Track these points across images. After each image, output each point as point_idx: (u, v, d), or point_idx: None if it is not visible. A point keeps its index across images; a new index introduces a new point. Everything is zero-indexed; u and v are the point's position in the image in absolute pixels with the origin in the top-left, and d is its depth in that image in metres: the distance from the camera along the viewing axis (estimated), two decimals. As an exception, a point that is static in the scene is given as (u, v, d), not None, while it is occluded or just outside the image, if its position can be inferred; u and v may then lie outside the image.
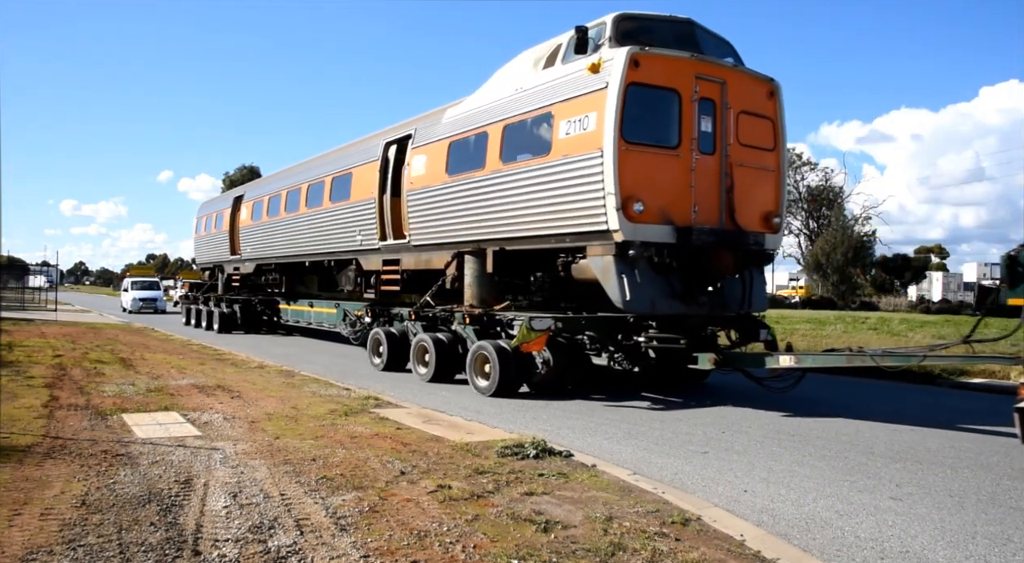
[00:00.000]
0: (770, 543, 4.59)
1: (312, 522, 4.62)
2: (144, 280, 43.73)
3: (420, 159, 13.74)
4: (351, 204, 16.41)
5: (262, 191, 23.14)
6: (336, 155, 18.27)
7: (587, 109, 9.92)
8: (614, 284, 9.71)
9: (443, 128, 13.29)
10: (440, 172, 13.03)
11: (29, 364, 12.57)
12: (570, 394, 10.90)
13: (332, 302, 18.99)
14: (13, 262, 49.86)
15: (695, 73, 10.20)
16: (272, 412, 8.55)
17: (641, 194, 9.60)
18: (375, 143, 15.83)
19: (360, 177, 16.09)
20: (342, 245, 17.05)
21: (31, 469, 5.68)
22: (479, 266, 12.25)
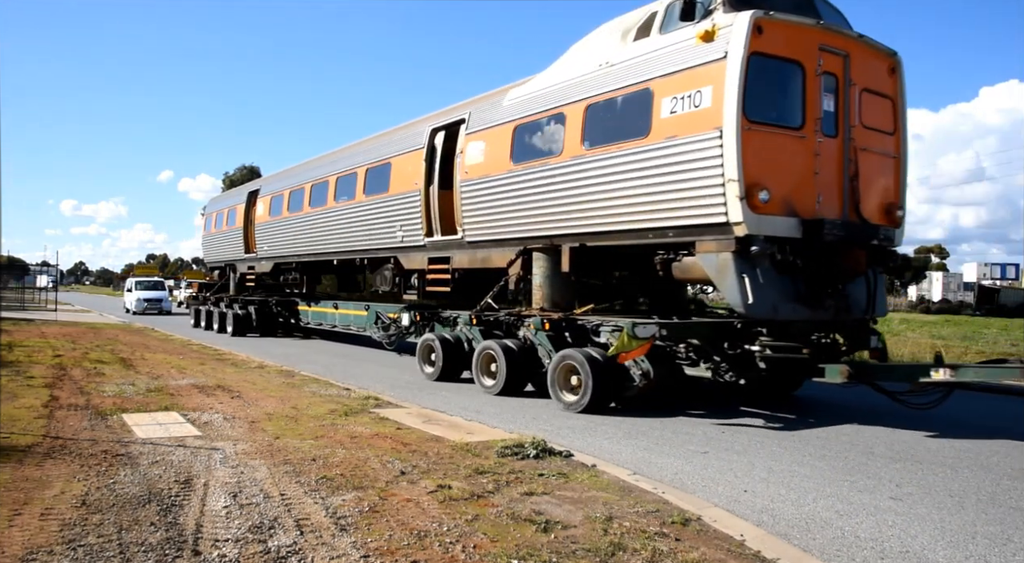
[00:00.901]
0: (770, 543, 4.59)
1: (312, 522, 4.62)
2: (149, 280, 42.35)
3: (476, 146, 12.47)
4: (390, 197, 15.09)
5: (282, 185, 21.49)
6: (370, 144, 16.91)
7: (699, 83, 8.74)
8: (732, 285, 8.52)
9: (505, 110, 12.01)
10: (502, 160, 11.80)
11: (29, 364, 12.57)
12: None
13: (361, 304, 17.69)
14: (13, 262, 49.83)
15: (819, 43, 9.06)
16: (272, 412, 8.56)
17: (766, 181, 8.42)
18: (419, 130, 14.48)
19: (401, 167, 14.77)
20: (378, 242, 15.73)
21: (31, 469, 5.68)
22: (551, 264, 11.16)
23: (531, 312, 11.19)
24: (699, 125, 8.71)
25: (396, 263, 15.41)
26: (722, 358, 9.64)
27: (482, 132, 12.41)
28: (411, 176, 14.28)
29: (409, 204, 14.35)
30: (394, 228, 14.93)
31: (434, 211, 13.69)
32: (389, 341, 15.66)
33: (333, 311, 19.20)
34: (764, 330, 9.24)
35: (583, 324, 10.33)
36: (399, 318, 14.89)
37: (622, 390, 9.55)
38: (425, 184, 13.82)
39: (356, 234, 16.62)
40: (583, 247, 10.67)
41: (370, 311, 16.64)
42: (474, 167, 12.46)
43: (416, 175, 14.09)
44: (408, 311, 14.59)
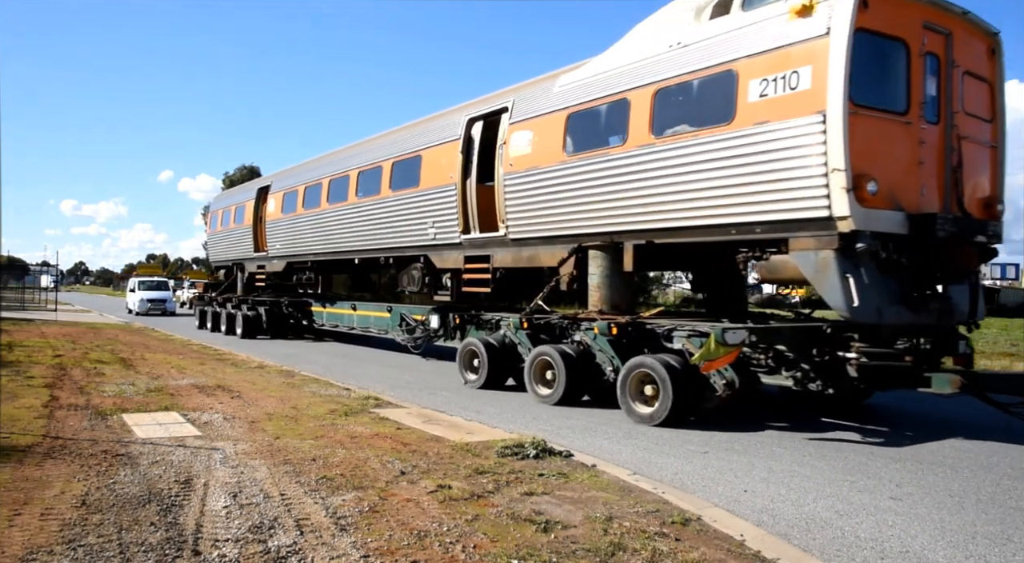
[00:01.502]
0: (770, 543, 4.60)
1: (312, 522, 4.62)
2: (152, 280, 41.32)
3: (523, 136, 11.57)
4: (420, 192, 14.11)
5: (296, 180, 20.36)
6: (396, 136, 15.88)
7: (795, 63, 8.00)
8: (834, 286, 7.79)
9: (557, 97, 11.11)
10: (554, 150, 10.93)
11: (29, 364, 12.57)
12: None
13: (382, 305, 16.96)
14: (13, 262, 49.80)
15: (923, 20, 8.35)
16: (272, 412, 8.56)
17: (873, 171, 7.67)
18: (453, 120, 13.53)
19: (433, 160, 13.78)
20: (407, 239, 14.70)
21: (31, 469, 5.68)
22: (610, 263, 10.35)
23: (589, 315, 10.40)
24: (796, 109, 7.92)
25: (426, 262, 14.49)
26: (811, 366, 8.65)
27: (529, 121, 11.54)
28: (445, 169, 13.34)
29: (443, 199, 13.43)
30: (425, 225, 13.94)
31: (472, 206, 12.84)
32: (415, 344, 15.00)
33: (351, 312, 18.37)
34: (856, 335, 8.42)
35: (652, 328, 9.56)
36: (427, 320, 14.29)
37: (701, 401, 8.78)
38: (461, 178, 12.91)
39: (381, 231, 15.62)
40: (650, 245, 9.82)
41: (393, 312, 15.99)
42: (520, 159, 11.57)
43: (451, 168, 13.17)
44: (437, 312, 13.99)
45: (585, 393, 10.22)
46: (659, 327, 9.46)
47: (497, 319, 12.28)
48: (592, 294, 10.64)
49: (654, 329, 9.52)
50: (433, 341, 14.59)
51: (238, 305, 23.08)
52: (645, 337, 9.64)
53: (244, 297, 23.48)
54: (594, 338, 9.97)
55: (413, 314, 15.12)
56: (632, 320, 9.73)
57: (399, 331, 15.54)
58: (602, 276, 10.51)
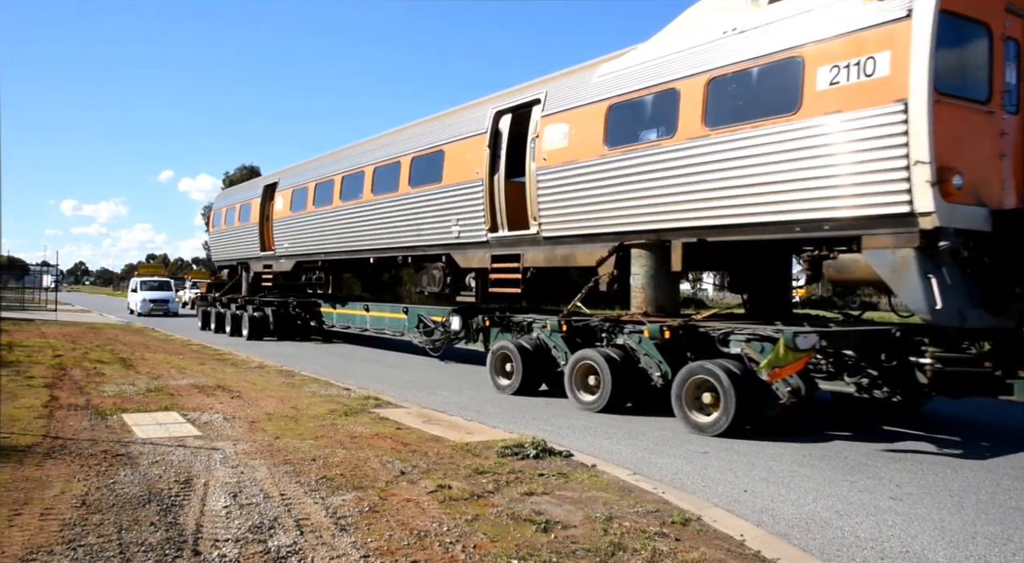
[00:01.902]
0: (770, 543, 4.60)
1: (312, 522, 4.62)
2: (155, 280, 40.35)
3: (558, 129, 11.00)
4: (443, 188, 13.48)
5: (305, 177, 19.67)
6: (416, 130, 15.21)
7: (871, 48, 7.49)
8: (915, 287, 7.30)
9: (597, 88, 10.52)
10: (593, 143, 10.35)
11: (29, 364, 12.57)
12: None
13: (398, 305, 16.50)
14: (13, 262, 49.82)
15: (1005, 2, 7.86)
16: (272, 412, 8.56)
17: (958, 164, 7.23)
18: (478, 113, 12.98)
19: (457, 155, 13.19)
20: (428, 238, 14.09)
21: (31, 469, 5.68)
22: (655, 263, 9.84)
23: (633, 317, 9.82)
24: (873, 97, 7.40)
25: (448, 261, 13.88)
26: (879, 371, 8.11)
27: (565, 113, 10.94)
28: (470, 164, 12.75)
29: (467, 196, 12.82)
30: (448, 223, 13.32)
31: (500, 203, 12.26)
32: (433, 347, 14.53)
33: (363, 313, 17.82)
34: (927, 339, 7.99)
35: (706, 332, 8.92)
36: (447, 322, 13.85)
37: (761, 409, 8.24)
38: (488, 173, 12.31)
39: (399, 230, 14.96)
40: (701, 243, 9.27)
41: (410, 314, 15.47)
42: (554, 153, 10.99)
43: (476, 163, 12.57)
44: (459, 314, 13.56)
45: (629, 400, 9.68)
46: (713, 330, 8.86)
47: (529, 321, 11.72)
48: (635, 295, 10.08)
49: (708, 333, 8.90)
50: (453, 343, 14.16)
51: (243, 305, 22.48)
52: (697, 341, 9.05)
53: (250, 297, 22.82)
54: (639, 341, 9.46)
55: (431, 316, 14.65)
56: (684, 323, 9.10)
57: (416, 333, 15.05)
58: (646, 276, 9.96)
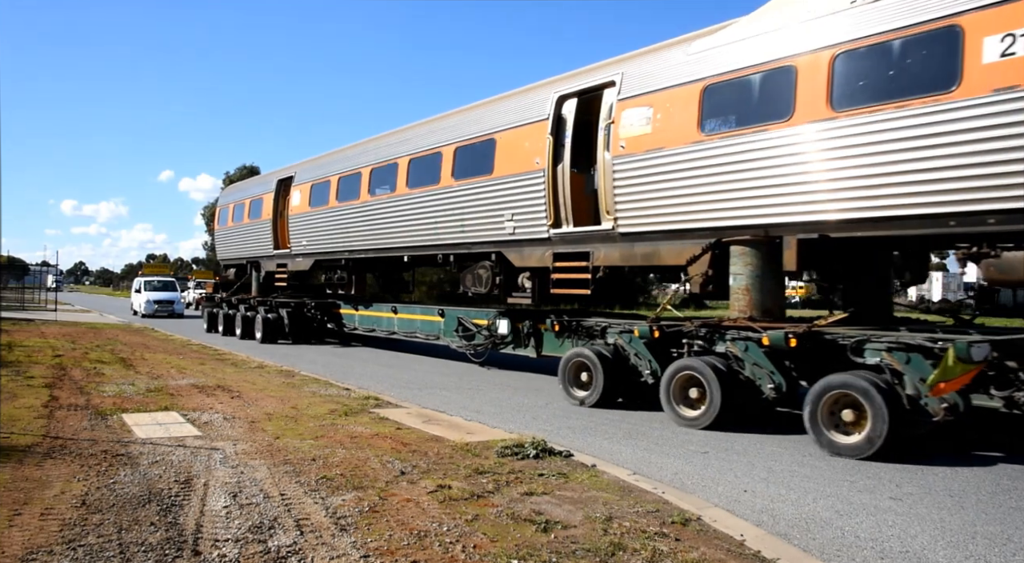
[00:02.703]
0: (770, 543, 4.60)
1: (312, 522, 4.62)
2: (159, 280, 38.58)
3: (639, 113, 10.05)
4: (494, 180, 12.48)
5: (326, 170, 18.50)
6: (459, 118, 14.05)
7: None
8: None
9: (689, 67, 9.63)
10: (685, 129, 9.46)
11: (29, 364, 12.57)
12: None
13: (431, 307, 15.62)
14: (13, 262, 49.77)
15: None
16: (272, 412, 8.56)
17: None
18: (537, 97, 12.00)
19: (511, 144, 12.19)
20: (475, 234, 13.05)
21: (31, 469, 5.68)
22: (762, 261, 8.94)
23: (740, 322, 8.90)
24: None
25: (499, 260, 12.88)
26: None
27: (648, 96, 9.98)
28: (528, 154, 11.76)
29: (524, 188, 11.85)
30: (500, 218, 12.33)
31: (564, 196, 11.28)
32: (475, 352, 13.72)
33: (391, 315, 16.70)
34: None
35: (833, 340, 7.93)
36: (494, 325, 13.03)
37: (909, 427, 7.35)
38: (551, 163, 11.35)
39: (440, 226, 13.88)
40: (823, 239, 8.33)
41: (448, 317, 14.52)
42: (635, 140, 10.03)
43: (536, 152, 11.59)
44: (506, 317, 12.81)
45: (734, 415, 8.65)
46: (842, 338, 7.89)
47: (603, 326, 10.73)
48: (738, 297, 9.14)
49: (836, 341, 7.93)
50: (499, 349, 13.27)
51: (254, 307, 21.26)
52: (823, 350, 8.05)
53: (262, 298, 21.49)
54: (745, 349, 8.55)
55: (473, 318, 13.75)
56: (809, 330, 8.08)
57: (454, 337, 14.12)
58: (751, 276, 8.99)
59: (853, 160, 7.84)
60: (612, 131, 10.44)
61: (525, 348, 12.59)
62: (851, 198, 7.89)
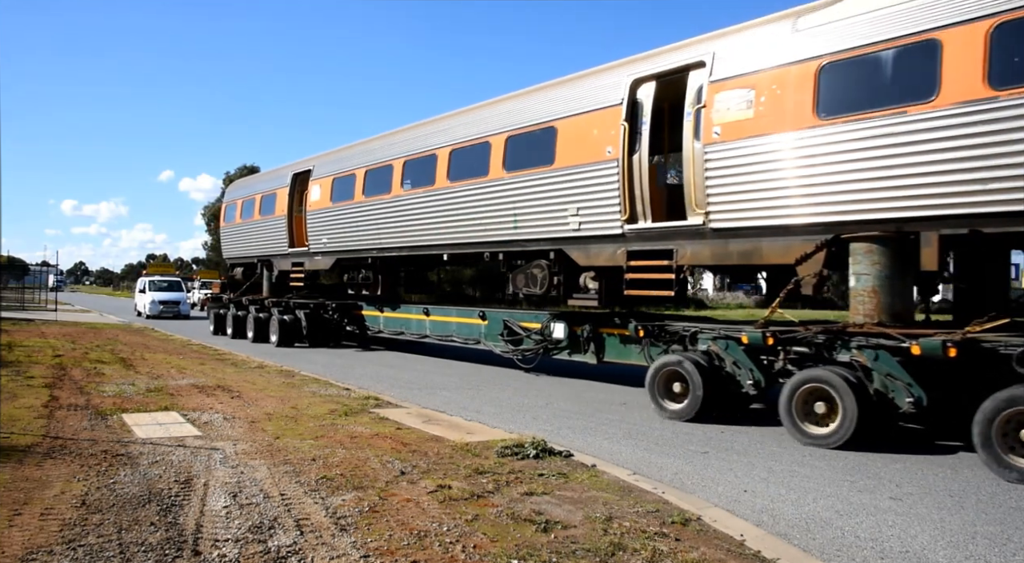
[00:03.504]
0: (770, 543, 4.60)
1: (312, 522, 4.62)
2: (164, 279, 37.24)
3: (737, 96, 9.22)
4: (555, 172, 11.49)
5: (351, 163, 17.37)
6: (513, 105, 12.96)
7: None
8: None
9: (799, 44, 8.70)
10: (796, 113, 8.58)
11: (29, 364, 12.57)
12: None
13: (471, 309, 14.74)
14: (13, 262, 49.77)
15: None
16: (272, 412, 8.56)
17: None
18: (609, 81, 10.96)
19: (576, 132, 11.22)
20: (530, 231, 12.05)
21: (31, 469, 5.68)
22: (891, 260, 8.08)
23: (866, 327, 8.06)
24: None
25: (559, 258, 11.90)
26: None
27: (748, 77, 9.15)
28: (597, 143, 10.81)
29: (593, 180, 10.88)
30: (563, 213, 11.38)
31: (642, 189, 10.33)
32: (524, 358, 12.94)
33: (421, 317, 15.76)
34: None
35: (993, 348, 6.99)
36: (548, 329, 12.27)
37: None
38: (625, 153, 10.38)
39: (488, 221, 12.86)
40: (973, 235, 7.47)
41: (492, 319, 13.63)
42: (733, 125, 9.21)
43: (607, 141, 10.62)
44: (562, 320, 12.09)
45: (871, 432, 7.72)
46: (1005, 347, 6.94)
47: (692, 331, 9.79)
48: (863, 300, 8.32)
49: (996, 350, 6.97)
50: (551, 354, 12.49)
51: (267, 308, 20.18)
52: (976, 360, 7.12)
53: (277, 299, 20.31)
54: (875, 358, 7.70)
55: (521, 321, 12.93)
56: (964, 336, 7.16)
57: (498, 341, 13.28)
58: (879, 277, 8.14)
59: (1017, 145, 6.98)
60: (703, 116, 9.52)
61: (584, 354, 11.74)
62: (1015, 187, 6.98)
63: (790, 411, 8.09)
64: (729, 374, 9.12)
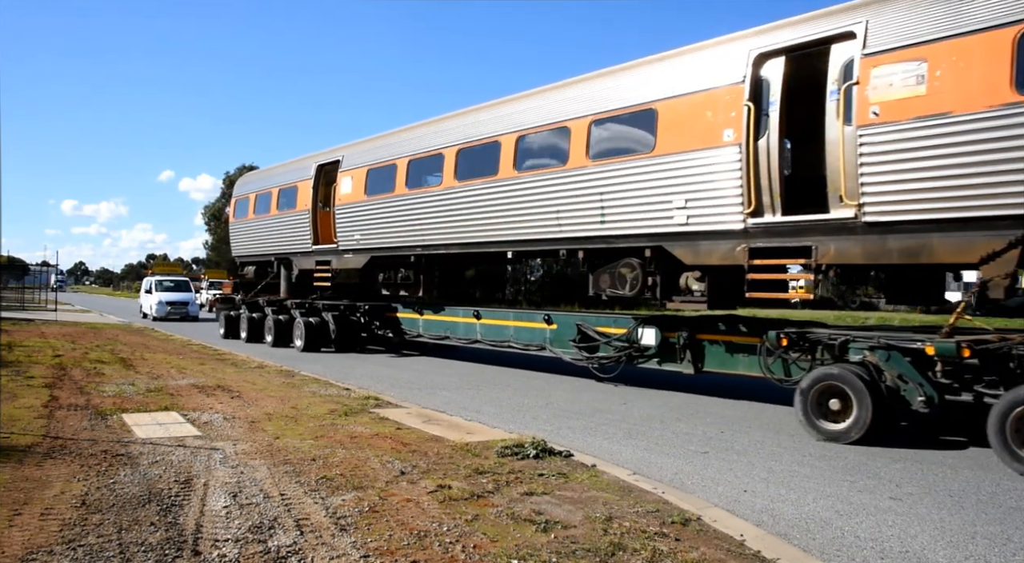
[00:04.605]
0: (770, 543, 4.60)
1: (312, 522, 4.62)
2: (172, 279, 35.17)
3: (902, 71, 8.18)
4: (656, 160, 10.31)
5: (388, 153, 16.03)
6: (594, 86, 11.69)
7: None
8: None
9: (989, 7, 7.64)
10: (988, 87, 7.50)
11: (29, 364, 12.57)
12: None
13: (535, 313, 13.74)
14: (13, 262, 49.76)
15: None
16: (272, 412, 8.56)
17: None
18: (725, 57, 9.78)
19: (683, 114, 10.05)
20: (622, 226, 10.84)
21: (31, 469, 5.68)
22: None
23: None
24: None
25: (656, 256, 10.69)
26: None
27: (916, 48, 8.10)
28: (712, 126, 9.71)
29: (705, 168, 9.76)
30: (666, 204, 10.24)
31: (771, 178, 9.24)
32: (600, 366, 11.96)
33: (471, 321, 14.64)
34: None
35: None
36: (634, 334, 11.26)
37: None
38: (750, 137, 9.31)
39: (566, 215, 11.69)
40: None
41: (562, 324, 12.71)
42: (898, 104, 8.21)
43: (724, 123, 9.58)
44: (652, 324, 11.12)
45: None
46: None
47: (842, 339, 8.65)
48: None
49: None
50: (636, 363, 11.45)
51: (287, 310, 19.08)
52: None
53: (299, 300, 19.12)
54: None
55: (597, 326, 12.02)
56: None
57: (568, 348, 12.29)
58: None
59: None
60: (855, 95, 8.51)
61: (679, 363, 10.75)
62: None
63: (1004, 438, 6.86)
64: (893, 389, 8.03)
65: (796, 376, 9.10)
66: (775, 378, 9.50)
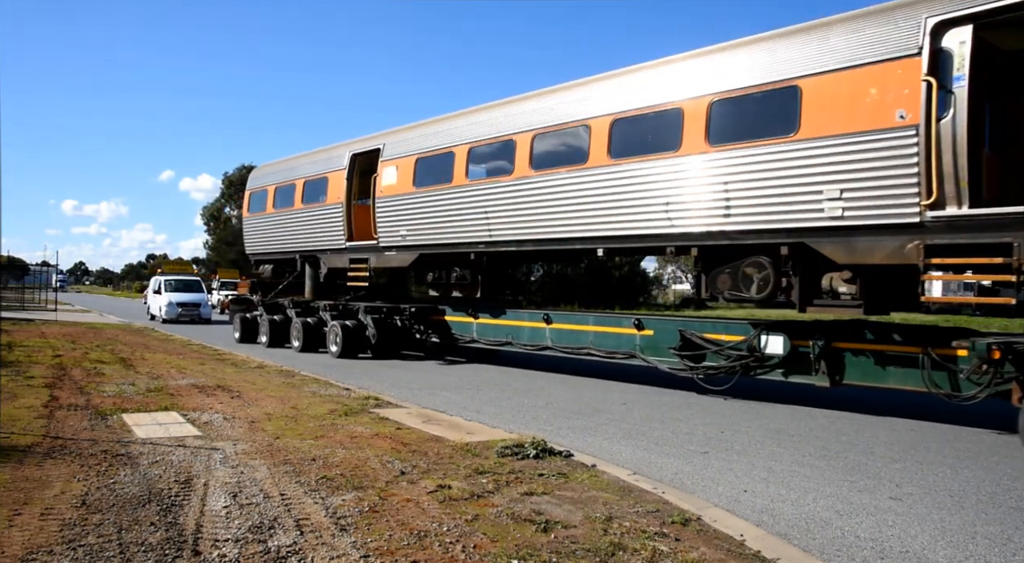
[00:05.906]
0: (770, 543, 4.59)
1: (312, 522, 4.62)
2: (182, 279, 32.55)
3: None
4: (801, 144, 9.03)
5: (443, 140, 14.56)
6: (713, 61, 10.35)
7: None
8: None
9: None
10: None
11: (29, 364, 12.57)
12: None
13: (620, 316, 12.81)
14: (13, 262, 49.73)
15: None
16: (272, 412, 8.56)
17: None
18: (891, 23, 8.53)
19: (837, 92, 8.80)
20: (752, 219, 9.58)
21: (31, 469, 5.68)
22: None
23: None
24: None
25: (795, 253, 9.45)
26: None
27: None
28: (876, 105, 8.47)
29: (868, 153, 8.51)
30: (813, 196, 8.99)
31: (957, 164, 7.95)
32: (707, 377, 10.83)
33: (539, 325, 13.40)
34: None
35: None
36: (756, 342, 10.11)
37: None
38: (929, 117, 8.07)
39: (677, 208, 10.40)
40: None
41: (660, 329, 11.49)
42: None
43: (896, 102, 8.33)
44: (780, 331, 9.97)
45: None
46: None
47: None
48: None
49: None
50: (753, 374, 10.26)
51: (315, 312, 17.79)
52: None
53: (332, 302, 17.82)
54: None
55: (704, 332, 10.91)
56: None
57: (667, 356, 11.14)
58: None
59: None
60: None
61: (812, 375, 9.57)
62: None
63: None
64: None
65: (967, 391, 8.14)
66: (942, 393, 8.44)
